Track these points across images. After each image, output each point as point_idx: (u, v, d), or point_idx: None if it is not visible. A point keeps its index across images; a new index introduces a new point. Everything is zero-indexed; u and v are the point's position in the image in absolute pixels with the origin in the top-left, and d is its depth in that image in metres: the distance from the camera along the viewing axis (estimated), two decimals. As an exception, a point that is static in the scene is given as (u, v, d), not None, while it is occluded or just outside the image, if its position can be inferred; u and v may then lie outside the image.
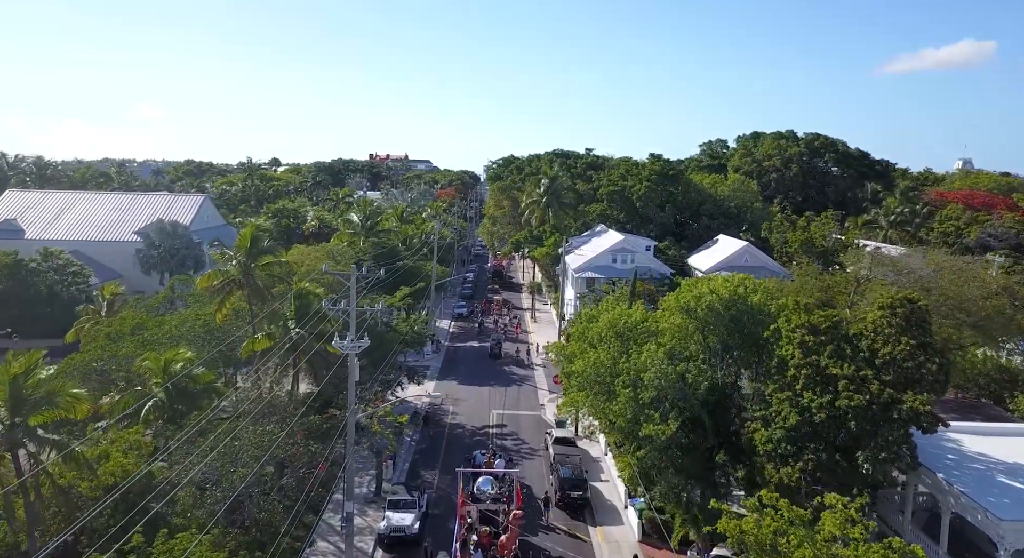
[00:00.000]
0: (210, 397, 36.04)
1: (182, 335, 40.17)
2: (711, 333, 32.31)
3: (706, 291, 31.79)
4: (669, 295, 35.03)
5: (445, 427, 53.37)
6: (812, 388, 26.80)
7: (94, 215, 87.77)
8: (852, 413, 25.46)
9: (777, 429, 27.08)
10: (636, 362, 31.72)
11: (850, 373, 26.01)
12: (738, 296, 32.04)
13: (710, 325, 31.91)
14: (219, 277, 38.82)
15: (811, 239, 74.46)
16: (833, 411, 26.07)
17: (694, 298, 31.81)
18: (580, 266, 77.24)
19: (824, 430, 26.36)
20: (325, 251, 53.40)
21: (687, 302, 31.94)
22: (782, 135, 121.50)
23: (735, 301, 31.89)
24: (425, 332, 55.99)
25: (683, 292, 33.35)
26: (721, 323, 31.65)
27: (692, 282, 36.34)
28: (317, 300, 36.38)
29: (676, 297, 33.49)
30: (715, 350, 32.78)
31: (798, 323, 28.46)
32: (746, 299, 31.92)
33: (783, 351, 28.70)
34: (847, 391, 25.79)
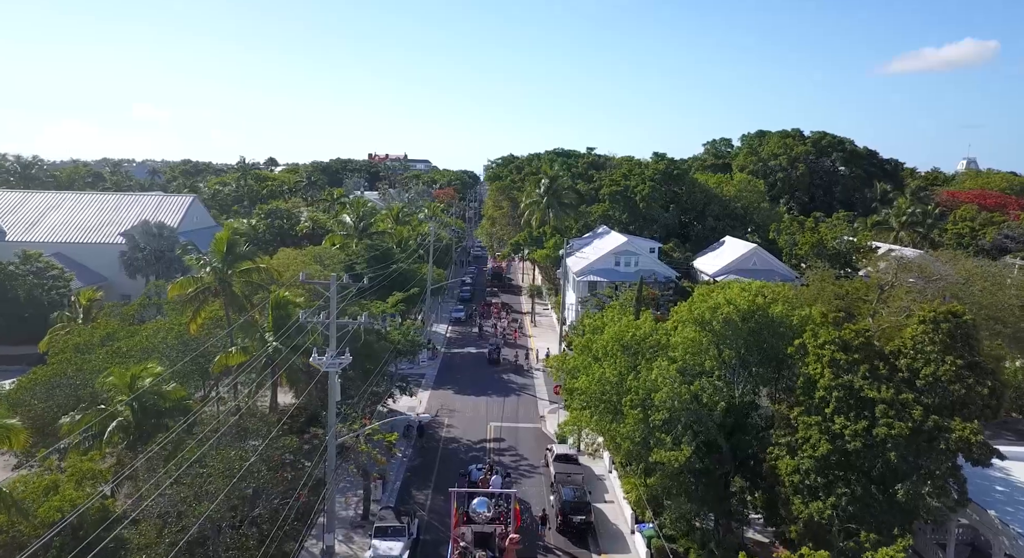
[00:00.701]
0: (181, 416, 33.17)
1: (154, 347, 37.28)
2: (727, 347, 29.41)
3: (722, 302, 28.86)
4: (681, 305, 32.10)
5: (440, 441, 50.41)
6: (845, 413, 23.88)
7: (79, 216, 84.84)
8: (892, 443, 22.53)
9: (805, 458, 24.16)
10: (646, 380, 28.81)
11: (889, 397, 23.08)
12: (757, 307, 29.12)
13: (726, 339, 29.01)
14: (192, 284, 35.90)
15: (822, 241, 71.62)
16: (869, 440, 23.14)
17: (709, 310, 28.89)
18: (582, 269, 74.32)
19: (859, 461, 23.42)
20: (312, 255, 50.41)
21: (701, 314, 29.02)
22: (788, 134, 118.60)
23: (754, 312, 28.99)
24: (419, 340, 53.04)
25: (696, 302, 30.42)
26: (738, 337, 28.74)
27: (706, 291, 33.40)
28: (297, 310, 33.49)
29: (689, 308, 30.56)
30: (731, 366, 29.88)
31: (827, 338, 25.54)
32: (766, 310, 29.00)
33: (810, 370, 25.78)
34: (886, 418, 22.87)
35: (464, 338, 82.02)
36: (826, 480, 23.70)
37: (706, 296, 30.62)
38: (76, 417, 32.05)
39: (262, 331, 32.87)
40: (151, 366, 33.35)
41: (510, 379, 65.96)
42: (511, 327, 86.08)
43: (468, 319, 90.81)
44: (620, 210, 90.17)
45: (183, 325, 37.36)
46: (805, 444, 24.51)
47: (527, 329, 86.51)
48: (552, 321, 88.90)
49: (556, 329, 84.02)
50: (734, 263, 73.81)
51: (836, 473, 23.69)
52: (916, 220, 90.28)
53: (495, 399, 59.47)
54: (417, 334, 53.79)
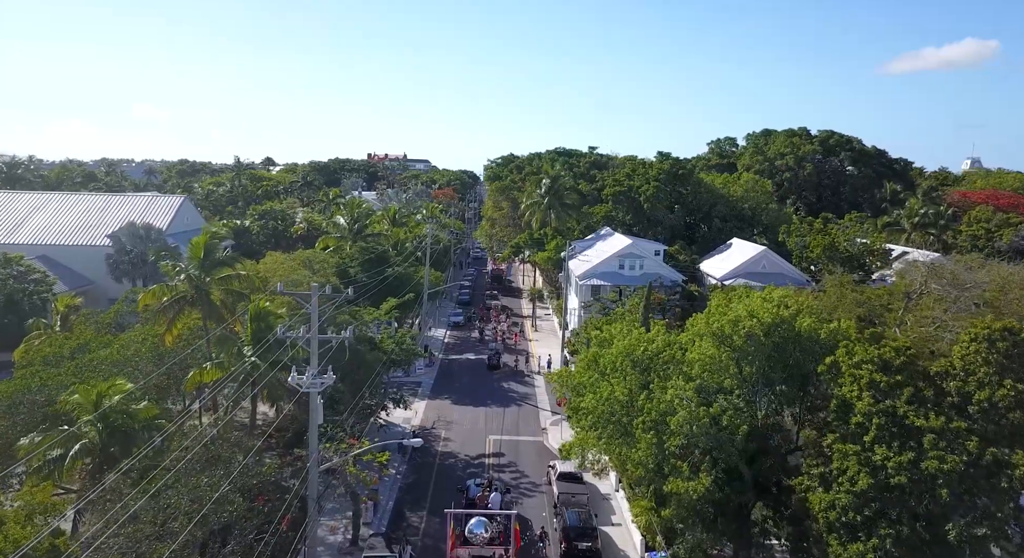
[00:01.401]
0: (152, 436, 30.50)
1: (127, 359, 34.55)
2: (748, 364, 26.69)
3: (743, 314, 26.14)
4: (696, 317, 29.37)
5: (436, 456, 47.74)
6: (887, 442, 21.19)
7: (64, 218, 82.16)
8: (944, 478, 19.83)
9: (843, 493, 21.46)
10: (660, 400, 26.09)
11: (938, 426, 20.39)
12: (781, 320, 26.41)
13: (748, 355, 26.29)
14: (167, 293, 33.17)
15: (834, 244, 68.92)
16: (916, 474, 20.44)
17: (729, 323, 26.18)
18: (585, 272, 71.58)
19: (904, 497, 20.72)
20: (301, 259, 47.67)
21: (721, 327, 26.29)
22: (795, 132, 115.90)
23: (778, 325, 26.28)
24: (414, 349, 50.32)
25: (714, 314, 27.69)
26: (761, 353, 26.03)
27: (723, 300, 30.68)
28: (279, 322, 30.77)
29: (706, 320, 27.83)
30: (751, 384, 27.16)
31: (864, 357, 22.83)
32: (792, 323, 26.28)
33: (844, 391, 23.06)
34: (936, 449, 20.16)
35: (463, 343, 79.33)
36: (867, 518, 21.01)
37: (724, 307, 27.90)
38: (36, 438, 29.38)
39: (240, 345, 30.15)
40: (120, 382, 30.66)
41: (510, 387, 63.27)
42: (511, 331, 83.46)
43: (467, 323, 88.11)
44: (623, 211, 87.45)
45: (158, 336, 34.64)
46: (842, 476, 21.81)
47: (528, 333, 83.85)
48: (554, 325, 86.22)
49: (558, 334, 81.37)
50: (743, 266, 71.07)
51: (878, 510, 20.98)
52: (928, 221, 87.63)
53: (495, 410, 56.79)
54: (412, 342, 51.07)
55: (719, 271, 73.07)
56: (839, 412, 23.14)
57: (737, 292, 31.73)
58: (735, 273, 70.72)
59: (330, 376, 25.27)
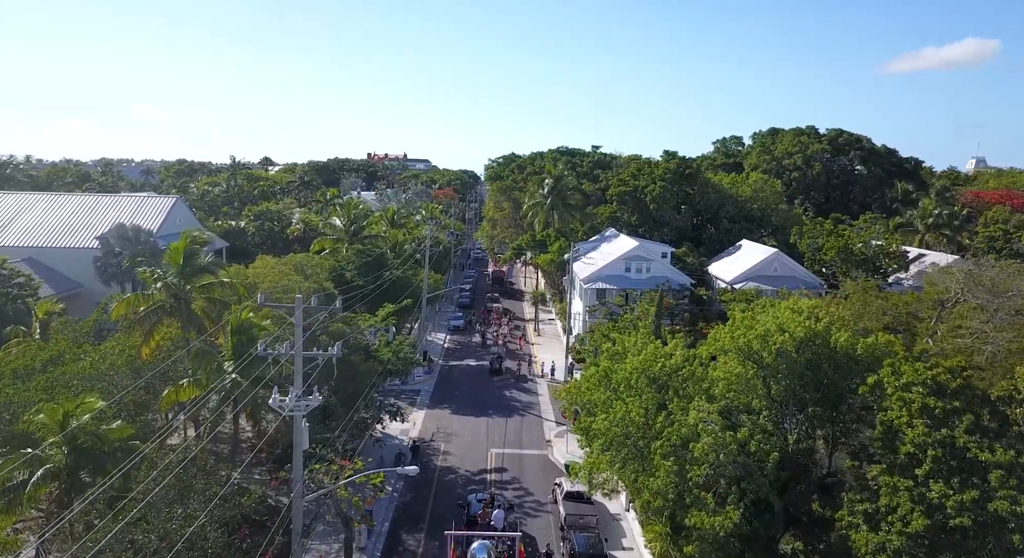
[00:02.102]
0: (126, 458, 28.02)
1: (101, 373, 32.03)
2: (777, 383, 24.19)
3: (773, 329, 23.60)
4: (719, 330, 26.85)
5: (435, 471, 45.23)
6: (945, 477, 18.67)
7: (53, 219, 79.56)
8: (1016, 522, 17.34)
9: (894, 534, 18.94)
10: (681, 424, 23.57)
11: (1007, 460, 17.90)
12: (814, 334, 23.90)
13: (778, 373, 23.77)
14: (143, 302, 30.65)
15: (848, 246, 66.42)
16: (981, 515, 17.93)
17: (758, 338, 23.64)
18: (589, 275, 69.10)
19: (966, 540, 18.21)
20: (293, 264, 45.13)
21: (748, 343, 23.76)
22: (802, 131, 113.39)
23: (810, 340, 23.77)
24: (412, 358, 47.82)
25: (739, 328, 25.16)
26: (793, 371, 23.51)
27: (748, 312, 28.14)
28: (264, 335, 28.28)
29: (731, 334, 25.30)
30: (782, 405, 24.66)
31: (913, 377, 20.31)
32: (826, 338, 23.76)
33: (892, 417, 20.54)
34: (1005, 488, 17.65)
35: (463, 349, 76.74)
36: (922, 564, 18.56)
37: (750, 319, 25.36)
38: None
39: (220, 359, 27.64)
40: (90, 400, 28.13)
41: (513, 396, 60.71)
42: (513, 334, 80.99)
43: (468, 326, 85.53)
44: (629, 212, 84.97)
45: (134, 348, 32.12)
46: (892, 515, 19.30)
47: (530, 337, 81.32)
48: (557, 329, 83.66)
49: (562, 339, 78.82)
50: (753, 269, 68.64)
51: (935, 554, 18.49)
52: (942, 222, 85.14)
53: (496, 420, 54.24)
54: (410, 350, 48.56)
55: (728, 274, 70.61)
56: (885, 440, 20.63)
57: (760, 302, 29.19)
58: (745, 276, 68.31)
59: (316, 398, 22.75)
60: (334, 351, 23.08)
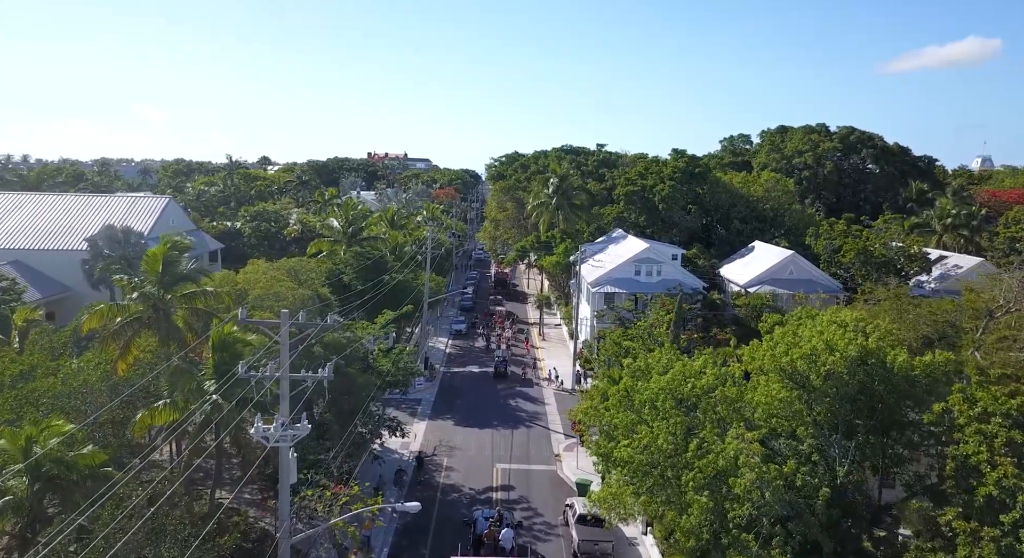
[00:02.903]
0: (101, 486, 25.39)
1: (74, 391, 29.33)
2: (824, 407, 21.48)
3: (821, 347, 20.87)
4: (756, 347, 24.11)
5: (437, 489, 42.55)
6: (1038, 527, 15.96)
7: (40, 220, 76.88)
8: None
9: (975, 593, 16.23)
10: (718, 456, 20.87)
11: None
12: (866, 353, 21.18)
13: (827, 398, 21.06)
14: (119, 313, 27.94)
15: (867, 248, 63.70)
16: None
17: (803, 358, 20.92)
18: (597, 279, 66.34)
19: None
20: (286, 268, 42.42)
21: (792, 362, 21.04)
22: (812, 129, 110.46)
23: (863, 360, 21.06)
24: (413, 368, 45.13)
25: (780, 345, 22.43)
26: (845, 395, 20.78)
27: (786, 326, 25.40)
28: (250, 351, 25.59)
29: (770, 352, 22.57)
30: (829, 431, 21.94)
31: (991, 407, 17.61)
32: (881, 358, 21.04)
33: (968, 452, 17.84)
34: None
35: (466, 354, 74.10)
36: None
37: (791, 335, 22.63)
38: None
39: (200, 378, 24.95)
40: (57, 423, 25.46)
41: (518, 406, 58.01)
42: (517, 338, 78.41)
43: (470, 330, 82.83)
44: (636, 212, 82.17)
45: (110, 362, 29.42)
46: (971, 568, 16.63)
47: (535, 341, 78.66)
48: (562, 334, 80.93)
49: (568, 344, 76.11)
50: (768, 272, 65.86)
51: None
52: (960, 222, 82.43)
53: (502, 432, 51.55)
54: (410, 360, 45.85)
55: (742, 277, 67.86)
56: (958, 476, 17.95)
57: (797, 313, 26.48)
58: (760, 279, 65.55)
59: (304, 426, 20.06)
60: (325, 373, 20.39)
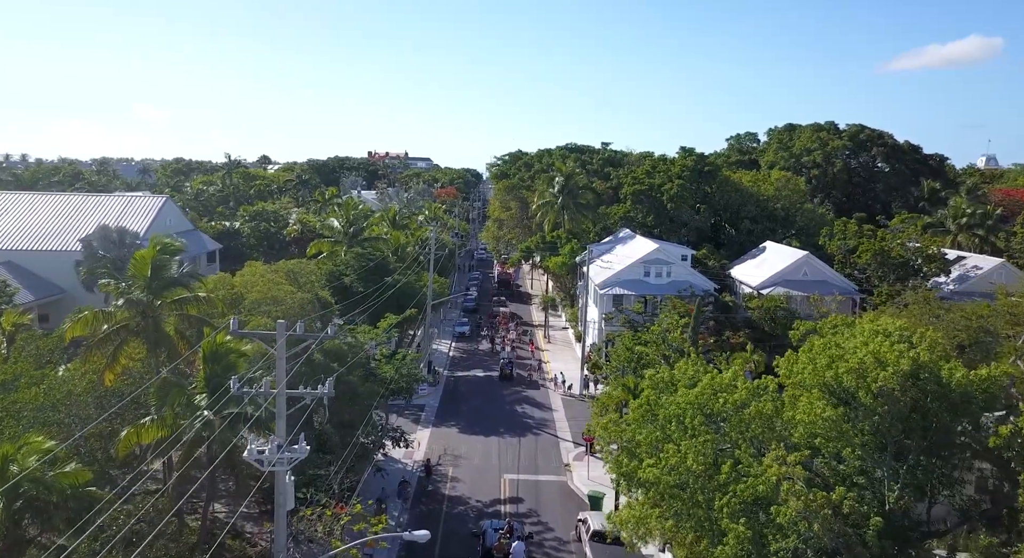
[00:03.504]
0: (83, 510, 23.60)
1: (57, 403, 27.48)
2: (872, 426, 19.63)
3: (870, 362, 19.02)
4: (793, 359, 22.22)
5: (443, 501, 40.72)
6: None
7: (33, 220, 74.94)
8: None
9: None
10: (755, 477, 19.02)
11: None
12: (919, 366, 19.33)
13: (875, 416, 19.21)
14: (104, 321, 26.11)
15: (884, 249, 61.85)
16: None
17: (851, 373, 19.06)
18: (605, 280, 64.53)
19: None
20: (285, 271, 40.60)
21: (838, 378, 19.18)
22: (821, 127, 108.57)
23: (916, 375, 19.21)
24: (417, 375, 43.33)
25: (821, 357, 20.57)
26: (897, 415, 18.93)
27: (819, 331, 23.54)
28: (244, 363, 23.74)
29: (810, 364, 20.71)
30: (875, 452, 20.08)
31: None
32: (936, 373, 19.20)
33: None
34: None
35: (470, 357, 72.27)
36: None
37: (834, 346, 20.77)
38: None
39: (190, 393, 23.09)
40: (37, 440, 23.61)
41: (525, 412, 56.17)
42: (522, 340, 76.65)
43: (475, 332, 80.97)
44: (644, 212, 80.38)
45: (96, 372, 27.57)
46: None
47: (540, 343, 76.85)
48: (568, 337, 79.05)
49: (574, 347, 74.32)
50: (781, 273, 64.03)
51: None
52: (976, 222, 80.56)
53: (508, 440, 49.70)
54: (414, 366, 44.02)
55: (754, 278, 66.02)
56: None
57: (831, 321, 24.62)
58: (773, 281, 63.73)
59: (303, 448, 18.22)
60: (325, 390, 18.55)
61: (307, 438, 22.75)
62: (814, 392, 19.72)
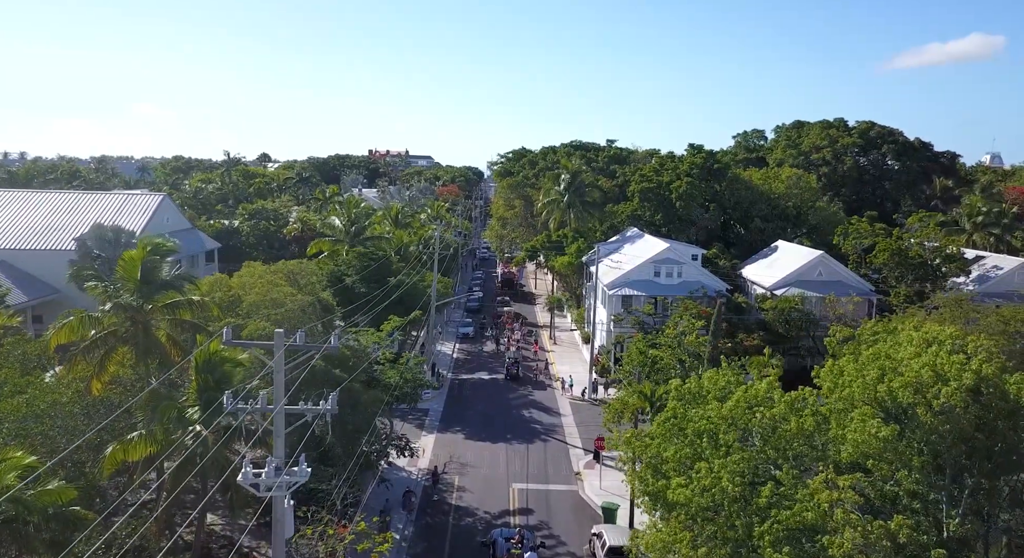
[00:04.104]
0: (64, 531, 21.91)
1: (41, 413, 25.75)
2: (930, 446, 17.87)
3: (927, 374, 17.26)
4: (835, 371, 20.42)
5: (449, 513, 38.97)
6: None
7: (28, 218, 73.27)
8: None
9: None
10: (801, 499, 17.26)
11: None
12: (980, 379, 17.58)
13: (933, 435, 17.45)
14: (91, 326, 24.35)
15: (902, 248, 60.05)
16: None
17: (907, 388, 17.29)
18: (615, 281, 62.76)
19: None
20: (284, 272, 38.83)
21: (892, 393, 17.43)
22: (830, 124, 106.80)
23: (978, 389, 17.46)
24: (422, 380, 41.60)
25: (870, 369, 18.80)
26: (960, 434, 17.18)
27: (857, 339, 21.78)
28: (241, 373, 21.98)
29: (859, 376, 18.93)
30: (931, 474, 18.32)
31: None
32: (1000, 387, 17.44)
33: None
34: None
35: (474, 359, 70.51)
36: None
37: (883, 357, 18.99)
38: None
39: (181, 406, 21.30)
40: (17, 456, 21.88)
41: (533, 417, 54.40)
42: (527, 340, 74.92)
43: (479, 332, 79.21)
44: (652, 210, 78.56)
45: (84, 380, 25.80)
46: None
47: (546, 345, 75.11)
48: (575, 338, 77.27)
49: (580, 348, 72.63)
50: (795, 273, 62.23)
51: None
52: (991, 221, 78.79)
53: (516, 447, 47.95)
54: (419, 370, 42.28)
55: (766, 279, 64.23)
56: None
57: (869, 327, 22.83)
58: (786, 281, 61.95)
59: (303, 470, 16.47)
60: (328, 406, 16.80)
61: (308, 449, 21.02)
62: (866, 408, 17.94)
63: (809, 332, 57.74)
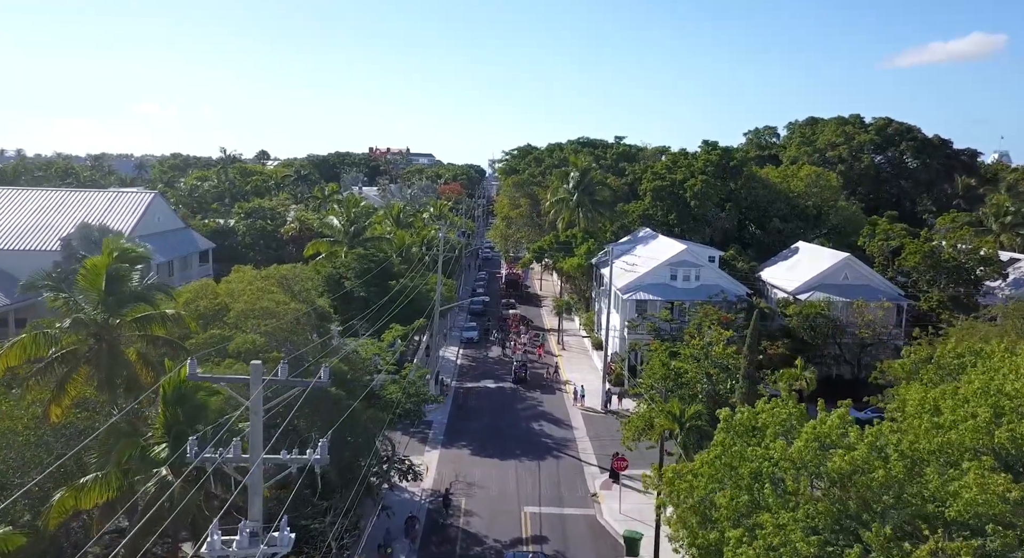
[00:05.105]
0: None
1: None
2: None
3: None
4: (923, 401, 17.07)
5: (456, 541, 35.66)
6: None
7: (13, 217, 70.00)
8: None
9: None
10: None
11: None
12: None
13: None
14: (48, 345, 21.03)
15: (934, 250, 56.74)
16: None
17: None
18: (628, 284, 59.43)
19: None
20: (277, 277, 35.56)
21: (1016, 440, 14.09)
22: (846, 121, 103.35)
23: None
24: (426, 395, 38.33)
25: (980, 407, 15.47)
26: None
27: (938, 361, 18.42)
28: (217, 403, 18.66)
29: (962, 416, 15.59)
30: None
31: None
32: None
33: None
34: None
35: (479, 366, 67.17)
36: None
37: (996, 393, 15.63)
38: None
39: (145, 442, 17.99)
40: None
41: (543, 429, 51.09)
42: (533, 343, 71.70)
43: (484, 337, 75.84)
44: (665, 209, 75.22)
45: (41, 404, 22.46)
46: None
47: (553, 349, 71.86)
48: (584, 344, 73.88)
49: (590, 354, 69.32)
50: (819, 277, 58.92)
51: None
52: (1020, 220, 75.54)
53: (527, 464, 44.61)
54: (423, 383, 38.99)
55: (789, 283, 60.92)
56: None
57: (951, 348, 19.45)
58: (810, 285, 58.64)
59: (286, 536, 13.17)
60: (316, 455, 13.50)
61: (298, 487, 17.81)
62: (985, 459, 14.62)
63: (836, 339, 54.52)
